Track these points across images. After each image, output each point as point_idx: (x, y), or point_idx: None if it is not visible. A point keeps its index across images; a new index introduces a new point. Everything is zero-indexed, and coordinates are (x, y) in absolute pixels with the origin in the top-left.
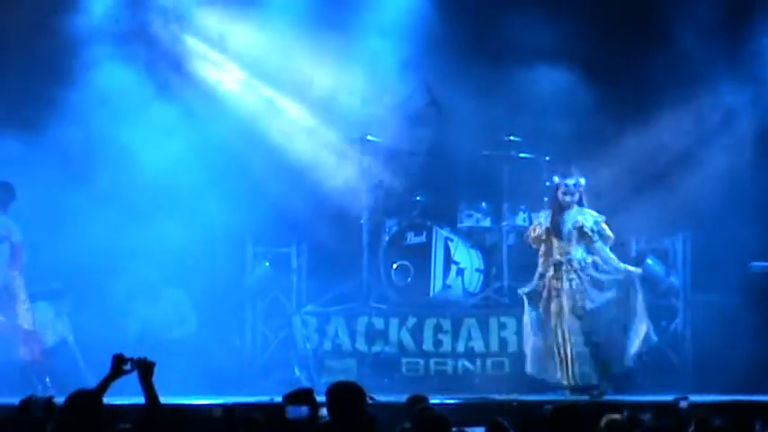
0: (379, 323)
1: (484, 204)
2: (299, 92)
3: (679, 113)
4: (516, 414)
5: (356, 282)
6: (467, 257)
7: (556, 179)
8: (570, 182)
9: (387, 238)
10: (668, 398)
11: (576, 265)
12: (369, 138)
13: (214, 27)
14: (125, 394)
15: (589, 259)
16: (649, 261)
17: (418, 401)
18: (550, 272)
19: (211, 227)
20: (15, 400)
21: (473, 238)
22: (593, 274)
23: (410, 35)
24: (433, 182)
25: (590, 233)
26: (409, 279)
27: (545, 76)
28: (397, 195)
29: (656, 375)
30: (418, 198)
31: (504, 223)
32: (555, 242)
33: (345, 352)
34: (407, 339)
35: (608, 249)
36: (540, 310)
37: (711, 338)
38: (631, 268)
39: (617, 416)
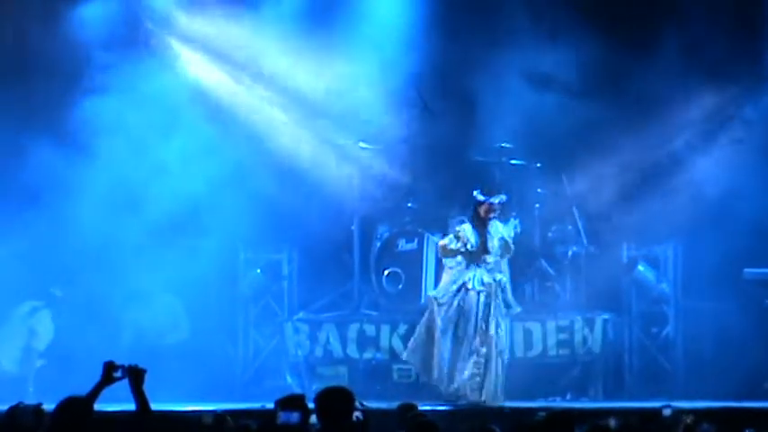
0: (370, 330)
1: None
2: (293, 100)
3: (671, 121)
4: (508, 421)
5: (347, 289)
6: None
7: (480, 197)
8: (496, 200)
9: (378, 245)
10: (656, 404)
11: (496, 287)
12: (361, 145)
13: (207, 30)
14: (117, 401)
15: (501, 277)
16: (641, 267)
17: (408, 409)
18: (473, 287)
19: (204, 233)
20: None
21: None
22: (504, 296)
23: (403, 41)
24: (425, 188)
25: (510, 245)
26: (400, 286)
27: (538, 82)
28: (388, 202)
29: (647, 382)
30: (409, 205)
31: None
32: (475, 257)
33: (337, 359)
34: (399, 346)
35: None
36: (450, 323)
37: (703, 345)
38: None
39: (609, 421)
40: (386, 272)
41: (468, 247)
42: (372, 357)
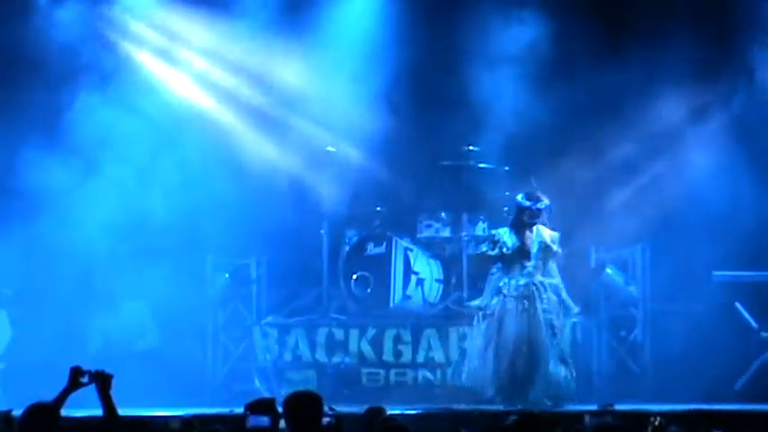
0: (339, 334)
1: (443, 215)
2: (259, 98)
3: (640, 123)
4: (477, 424)
5: (316, 293)
6: (426, 268)
7: (525, 202)
8: (541, 206)
9: (347, 249)
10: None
11: (539, 289)
12: (329, 148)
13: (173, 31)
14: (84, 407)
15: (548, 281)
16: (609, 271)
17: (376, 413)
18: (508, 292)
19: (172, 238)
20: None
21: (433, 248)
22: (552, 297)
23: (371, 45)
24: (393, 192)
25: (555, 248)
26: (369, 290)
27: (505, 85)
28: (357, 206)
29: (616, 384)
30: (378, 209)
31: (464, 233)
32: (517, 263)
33: (305, 363)
34: (368, 350)
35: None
36: (494, 327)
37: (671, 348)
38: (570, 304)
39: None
40: (354, 276)
41: (504, 250)
42: (341, 361)
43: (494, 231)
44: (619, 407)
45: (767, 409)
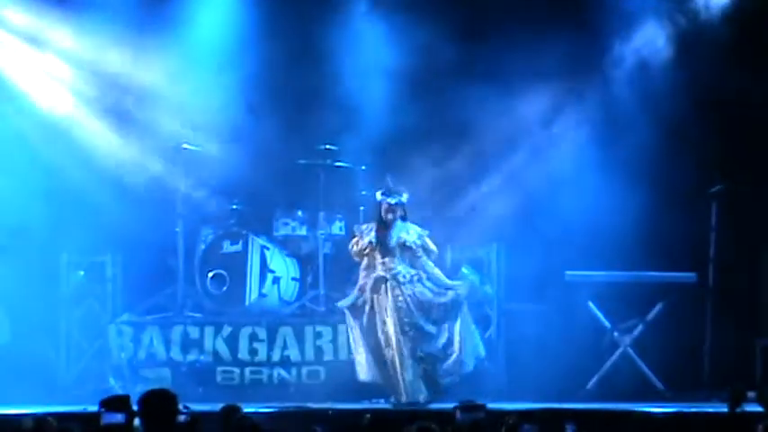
0: (194, 332)
1: (300, 213)
2: (115, 96)
3: (496, 121)
4: (332, 422)
5: (171, 291)
6: (283, 266)
7: (379, 196)
8: (392, 201)
9: (202, 247)
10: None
11: (400, 279)
12: (185, 146)
13: (23, 24)
14: None
15: (413, 272)
16: (464, 270)
17: (232, 411)
18: (371, 285)
19: (24, 234)
20: None
21: (289, 246)
22: (418, 288)
23: (228, 41)
24: (250, 190)
25: (414, 247)
26: (225, 288)
27: (363, 82)
28: (212, 203)
29: (471, 383)
30: (234, 206)
31: (321, 232)
32: (378, 257)
33: (160, 361)
34: (223, 348)
35: (432, 264)
36: (364, 322)
37: (525, 347)
38: (459, 287)
39: (429, 424)
40: (210, 274)
41: (367, 246)
42: (196, 360)
43: (363, 226)
44: None
45: (618, 408)
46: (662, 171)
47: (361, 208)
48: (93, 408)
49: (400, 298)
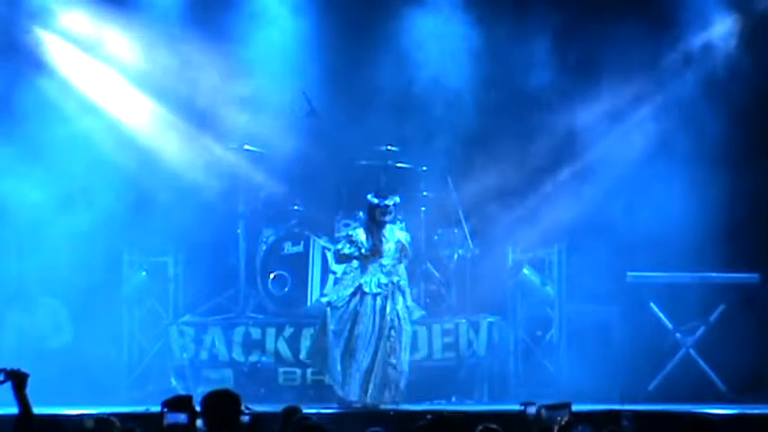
0: (255, 333)
1: (361, 214)
2: (177, 98)
3: (557, 126)
4: (392, 424)
5: (233, 292)
6: (344, 267)
7: (373, 200)
8: (390, 203)
9: (264, 248)
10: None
11: (393, 289)
12: (246, 147)
13: (87, 31)
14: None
15: (396, 278)
16: (525, 271)
17: (292, 412)
18: (369, 290)
19: (88, 235)
20: None
21: None
22: (399, 299)
23: (290, 43)
24: (311, 191)
25: (408, 248)
26: (286, 289)
27: (424, 84)
28: (274, 204)
29: (532, 385)
30: (296, 207)
31: None
32: (370, 261)
33: (222, 362)
34: (284, 349)
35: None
36: (346, 325)
37: (587, 348)
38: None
39: (493, 425)
40: (272, 275)
41: (363, 250)
42: (258, 361)
43: (351, 231)
44: None
45: (680, 409)
46: (725, 171)
47: (423, 209)
48: (156, 408)
49: (389, 305)
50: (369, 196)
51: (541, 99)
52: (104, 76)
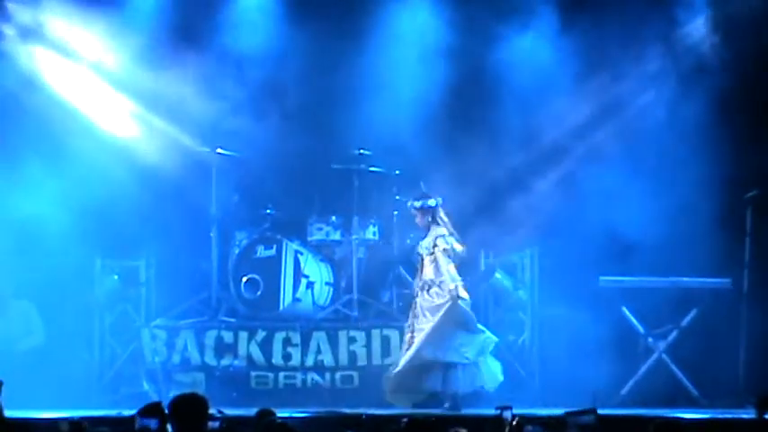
0: (228, 337)
1: (334, 218)
2: (151, 102)
3: (531, 132)
4: (366, 428)
5: (205, 295)
6: (317, 271)
7: (437, 201)
8: (432, 203)
9: (237, 252)
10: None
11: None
12: (219, 151)
13: (68, 37)
14: None
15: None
16: (498, 275)
17: (266, 415)
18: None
19: (59, 238)
20: None
21: (323, 251)
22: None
23: (262, 46)
24: (284, 195)
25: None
26: (259, 292)
27: (396, 87)
28: (247, 208)
29: (503, 389)
30: (268, 211)
31: (354, 237)
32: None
33: (194, 365)
34: (257, 353)
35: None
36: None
37: (558, 353)
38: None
39: (462, 429)
40: (244, 279)
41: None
42: (230, 364)
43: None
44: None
45: (653, 414)
46: (696, 176)
47: (395, 213)
48: (128, 412)
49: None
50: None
51: (515, 101)
52: (76, 76)
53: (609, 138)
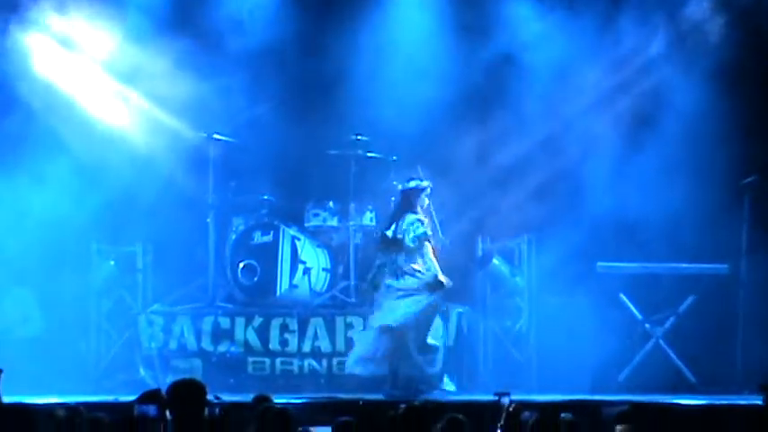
0: (225, 322)
1: (331, 204)
2: (147, 88)
3: (529, 117)
4: (362, 414)
5: (202, 281)
6: (314, 257)
7: (426, 183)
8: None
9: (234, 238)
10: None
11: None
12: (216, 136)
13: (64, 25)
14: None
15: None
16: (495, 261)
17: (263, 400)
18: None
19: (56, 225)
20: None
21: (320, 237)
22: None
23: (257, 33)
24: (281, 181)
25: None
26: (256, 278)
27: (392, 73)
28: (243, 194)
29: (501, 375)
30: (265, 197)
31: (351, 223)
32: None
33: (191, 351)
34: (253, 339)
35: None
36: None
37: (556, 339)
38: None
39: (459, 415)
40: (241, 264)
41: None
42: (227, 350)
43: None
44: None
45: (650, 400)
46: (694, 162)
47: (393, 198)
48: (125, 398)
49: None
50: (415, 182)
51: (515, 84)
52: (70, 63)
53: (608, 123)
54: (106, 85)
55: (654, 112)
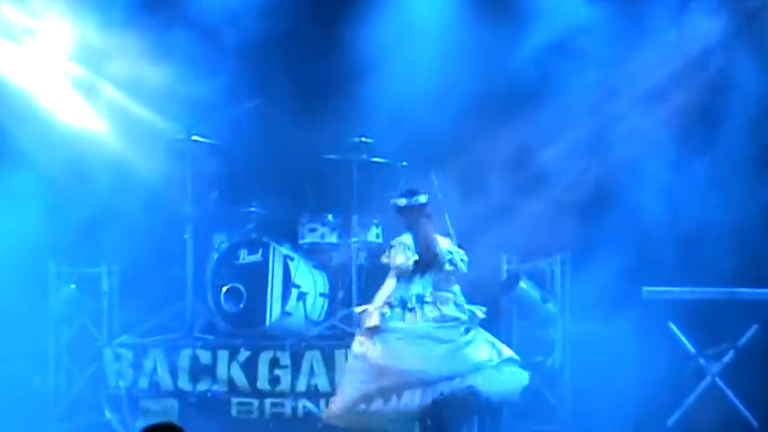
0: (205, 357)
1: (330, 217)
2: (116, 82)
3: (559, 118)
4: None
5: (179, 308)
6: (310, 280)
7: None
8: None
9: (216, 257)
10: None
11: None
12: (195, 138)
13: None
14: None
15: None
16: (523, 284)
17: None
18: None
19: (8, 243)
20: None
21: (317, 256)
22: None
23: (244, 29)
24: (271, 190)
25: None
26: (242, 305)
27: (400, 66)
28: (227, 206)
29: (530, 419)
30: (253, 209)
31: (354, 239)
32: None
33: (165, 391)
34: (239, 376)
35: None
36: None
37: (594, 376)
38: None
39: None
40: (224, 288)
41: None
42: (208, 389)
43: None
44: None
45: None
46: (758, 168)
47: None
48: None
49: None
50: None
51: (545, 82)
52: (29, 60)
53: (660, 120)
54: (66, 79)
55: (716, 108)
